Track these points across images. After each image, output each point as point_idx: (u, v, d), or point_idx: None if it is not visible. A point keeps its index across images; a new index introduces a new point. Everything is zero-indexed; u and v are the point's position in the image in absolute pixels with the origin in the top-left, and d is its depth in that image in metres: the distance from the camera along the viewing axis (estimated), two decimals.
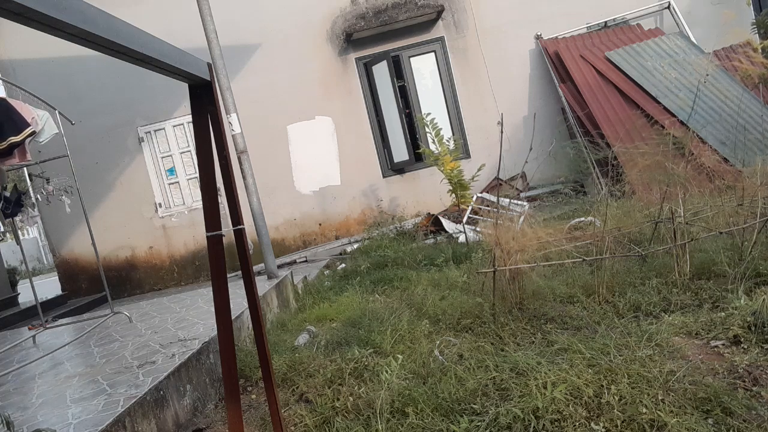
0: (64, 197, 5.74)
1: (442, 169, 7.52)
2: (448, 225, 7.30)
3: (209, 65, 2.03)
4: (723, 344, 2.65)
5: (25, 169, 6.54)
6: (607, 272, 3.62)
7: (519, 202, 6.76)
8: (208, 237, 2.00)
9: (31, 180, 7.48)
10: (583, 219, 5.29)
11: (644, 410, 2.08)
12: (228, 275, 2.08)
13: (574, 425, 2.10)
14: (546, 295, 3.68)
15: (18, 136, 4.32)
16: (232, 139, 5.68)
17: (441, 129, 7.77)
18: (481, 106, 8.77)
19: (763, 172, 3.90)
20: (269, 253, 5.94)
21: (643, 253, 3.76)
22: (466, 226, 6.50)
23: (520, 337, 3.15)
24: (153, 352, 3.47)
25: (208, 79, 1.99)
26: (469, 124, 8.85)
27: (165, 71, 1.77)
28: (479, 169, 7.82)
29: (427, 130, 7.83)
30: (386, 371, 2.77)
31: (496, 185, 7.73)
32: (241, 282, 2.19)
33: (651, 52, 7.90)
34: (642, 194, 5.26)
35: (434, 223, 7.58)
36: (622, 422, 2.07)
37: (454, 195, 7.73)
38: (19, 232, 5.85)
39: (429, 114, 7.87)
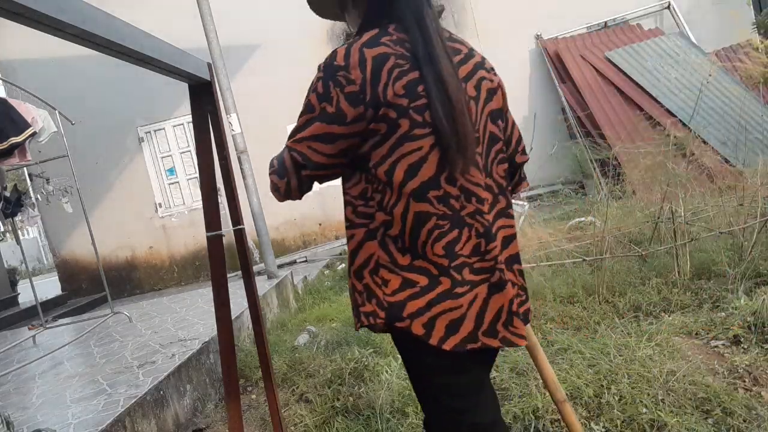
0: (63, 197, 5.74)
1: None
2: None
3: (209, 65, 2.03)
4: (723, 344, 2.65)
5: (25, 169, 6.54)
6: (608, 272, 3.61)
7: (519, 202, 6.76)
8: (208, 237, 2.00)
9: (31, 180, 7.48)
10: (583, 219, 5.29)
11: (644, 410, 2.08)
12: (228, 275, 2.08)
13: None
14: (546, 294, 3.68)
15: (19, 137, 4.33)
16: (232, 139, 5.68)
17: None
18: None
19: (763, 172, 3.90)
20: (269, 253, 5.94)
21: (643, 253, 3.76)
22: None
23: None
24: (153, 352, 3.47)
25: (208, 79, 1.99)
26: None
27: (165, 71, 1.77)
28: None
29: None
30: (386, 371, 2.77)
31: None
32: (241, 282, 2.19)
33: (651, 52, 7.90)
34: (642, 194, 5.25)
35: None
36: (622, 422, 2.07)
37: None
38: (19, 232, 5.85)
39: None
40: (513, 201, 5.76)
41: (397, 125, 1.16)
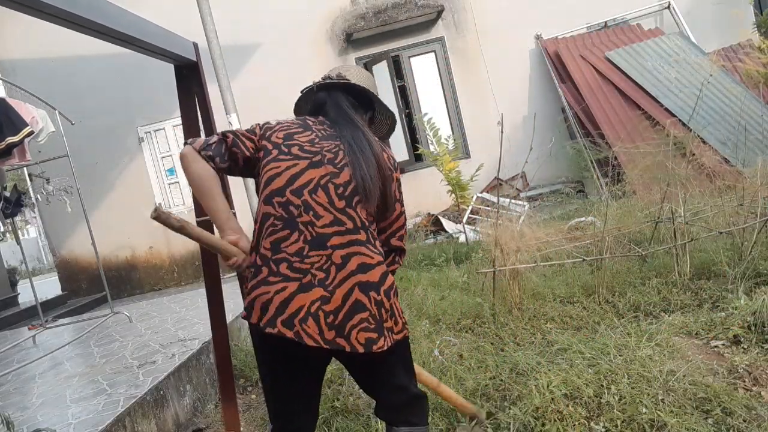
0: (64, 197, 5.74)
1: (441, 169, 7.51)
2: (448, 225, 7.30)
3: (195, 45, 1.97)
4: (723, 344, 2.65)
5: (25, 169, 6.54)
6: (607, 272, 3.61)
7: (519, 202, 6.77)
8: (198, 223, 1.96)
9: (31, 180, 7.47)
10: (583, 219, 5.29)
11: (644, 410, 2.08)
12: (227, 275, 2.07)
13: (574, 425, 2.10)
14: (546, 295, 3.68)
15: (16, 137, 4.32)
16: None
17: (439, 129, 7.76)
18: (481, 106, 8.76)
19: (763, 172, 3.89)
20: None
21: (643, 253, 3.75)
22: (466, 226, 6.50)
23: (520, 337, 3.15)
24: (153, 352, 3.47)
25: (195, 59, 1.94)
26: (469, 124, 8.84)
27: (149, 51, 1.73)
28: (478, 170, 7.79)
29: (426, 131, 7.81)
30: None
31: (496, 185, 7.73)
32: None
33: (651, 52, 7.89)
34: (642, 194, 5.25)
35: (434, 223, 7.58)
36: (622, 422, 2.07)
37: (453, 195, 7.72)
38: (19, 232, 5.85)
39: (426, 114, 7.86)
40: (513, 201, 5.68)
41: None
